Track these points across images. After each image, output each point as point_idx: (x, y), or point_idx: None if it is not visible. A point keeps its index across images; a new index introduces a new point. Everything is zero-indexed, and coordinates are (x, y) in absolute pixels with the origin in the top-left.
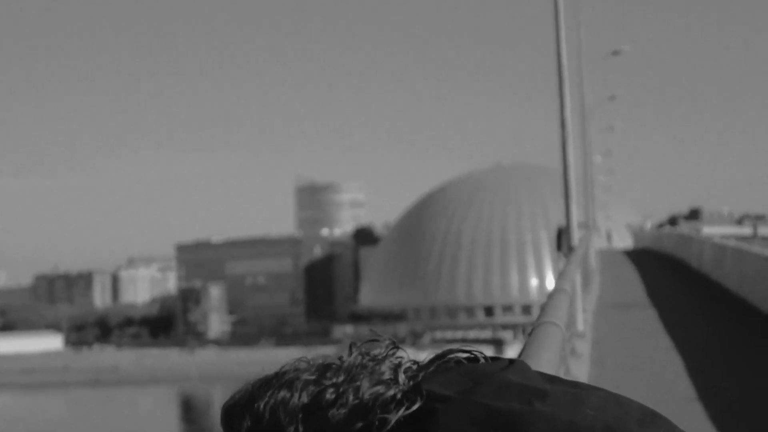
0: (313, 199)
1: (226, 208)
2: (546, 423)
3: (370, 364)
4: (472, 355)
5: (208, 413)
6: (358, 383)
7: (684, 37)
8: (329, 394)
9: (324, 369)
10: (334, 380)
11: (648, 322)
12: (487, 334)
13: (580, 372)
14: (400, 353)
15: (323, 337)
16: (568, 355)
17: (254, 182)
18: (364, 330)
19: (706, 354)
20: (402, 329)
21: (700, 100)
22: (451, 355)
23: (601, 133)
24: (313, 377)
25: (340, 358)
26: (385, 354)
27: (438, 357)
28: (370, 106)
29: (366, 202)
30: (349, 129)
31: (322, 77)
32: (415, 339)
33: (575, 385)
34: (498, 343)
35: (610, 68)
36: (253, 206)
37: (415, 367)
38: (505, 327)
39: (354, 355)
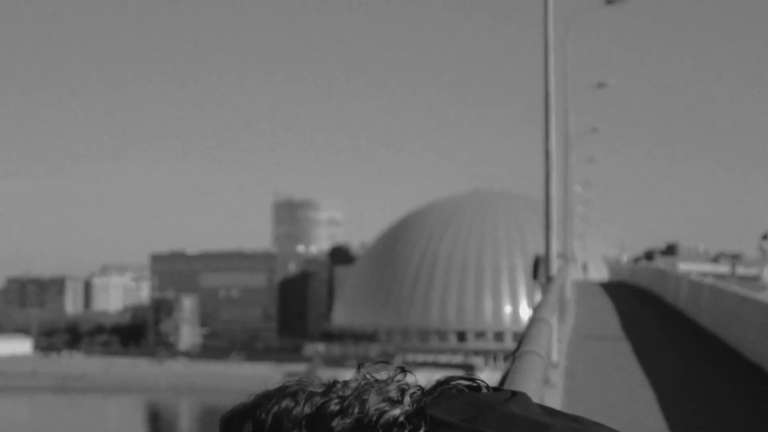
0: (290, 215)
1: (203, 220)
2: None
3: (377, 384)
4: (475, 384)
5: (175, 424)
6: (365, 397)
7: (666, 74)
8: (334, 405)
9: (330, 385)
10: (341, 393)
11: (622, 354)
12: (458, 359)
13: (553, 402)
14: (408, 378)
15: (294, 353)
16: (542, 385)
17: (232, 196)
18: (336, 348)
19: (679, 389)
20: (373, 350)
21: (681, 137)
22: (454, 382)
23: (581, 163)
24: (319, 390)
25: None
26: (393, 377)
27: (441, 383)
28: (353, 126)
29: (343, 221)
30: (329, 148)
31: (305, 95)
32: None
33: (576, 419)
34: (469, 369)
35: (594, 99)
36: (229, 220)
37: (419, 392)
38: (476, 353)
39: (361, 374)
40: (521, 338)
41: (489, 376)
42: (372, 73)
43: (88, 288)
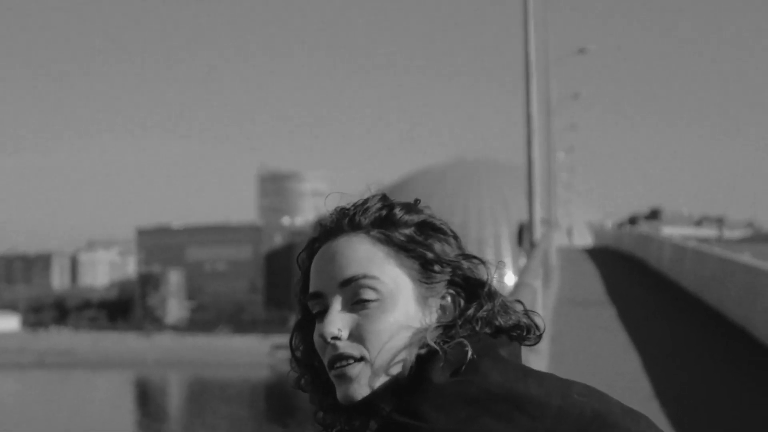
0: (275, 187)
1: (188, 193)
2: (538, 408)
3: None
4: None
5: (164, 397)
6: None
7: (647, 38)
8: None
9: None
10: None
11: (607, 319)
12: None
13: (539, 367)
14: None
15: (281, 325)
16: (528, 351)
17: (217, 168)
18: None
19: (664, 353)
20: None
21: (663, 101)
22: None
23: (564, 130)
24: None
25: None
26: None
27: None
28: (336, 97)
29: (328, 192)
30: (313, 119)
31: (288, 68)
32: None
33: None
34: None
35: (575, 66)
36: (215, 192)
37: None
38: None
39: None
40: None
41: None
42: (354, 45)
43: (74, 263)
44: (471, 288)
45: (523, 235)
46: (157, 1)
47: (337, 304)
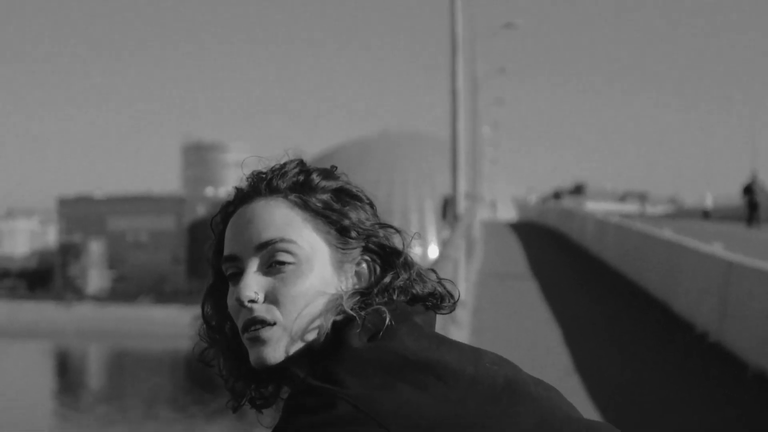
0: (198, 157)
1: (111, 163)
2: (452, 376)
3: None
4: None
5: (84, 368)
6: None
7: (574, 13)
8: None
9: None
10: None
11: (529, 293)
12: None
13: (459, 339)
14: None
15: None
16: (449, 323)
17: (140, 138)
18: None
19: (585, 327)
20: None
21: (588, 77)
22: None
23: (490, 104)
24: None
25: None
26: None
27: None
28: (262, 67)
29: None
30: (238, 89)
31: (213, 37)
32: None
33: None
34: None
35: (502, 40)
36: (138, 162)
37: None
38: None
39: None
40: None
41: None
42: (280, 16)
43: None
44: (386, 256)
45: (447, 209)
46: None
47: (252, 266)
